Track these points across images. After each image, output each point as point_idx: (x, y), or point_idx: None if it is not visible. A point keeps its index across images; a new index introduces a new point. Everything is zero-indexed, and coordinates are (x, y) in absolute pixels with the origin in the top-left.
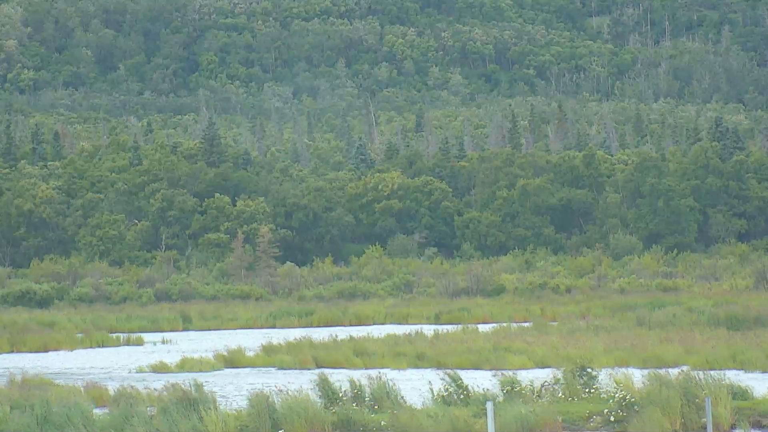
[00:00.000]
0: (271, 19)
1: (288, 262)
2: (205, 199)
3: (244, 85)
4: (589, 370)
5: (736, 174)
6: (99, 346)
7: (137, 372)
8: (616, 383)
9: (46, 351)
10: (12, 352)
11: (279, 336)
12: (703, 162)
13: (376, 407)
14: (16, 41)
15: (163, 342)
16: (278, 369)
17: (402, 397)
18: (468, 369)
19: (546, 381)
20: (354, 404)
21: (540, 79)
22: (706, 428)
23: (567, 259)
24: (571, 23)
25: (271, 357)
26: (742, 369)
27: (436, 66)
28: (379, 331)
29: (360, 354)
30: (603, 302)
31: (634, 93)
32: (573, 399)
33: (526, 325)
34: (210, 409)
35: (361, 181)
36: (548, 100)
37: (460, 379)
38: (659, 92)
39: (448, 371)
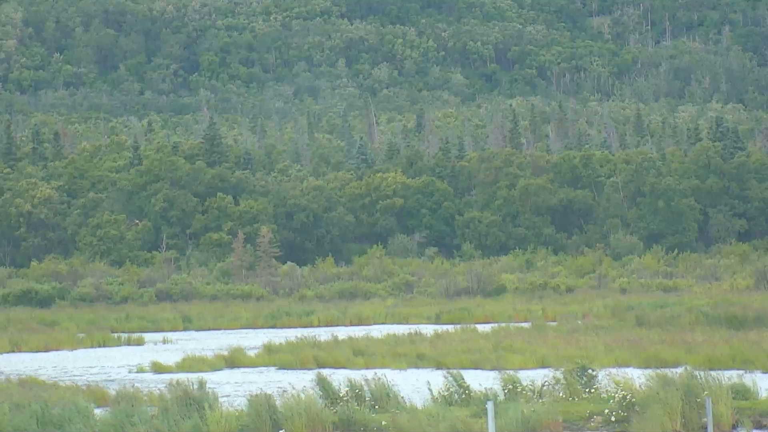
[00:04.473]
0: (271, 19)
1: (289, 262)
2: (207, 199)
3: (245, 85)
4: (589, 370)
5: (736, 174)
6: (100, 346)
7: (138, 372)
8: (617, 383)
9: (47, 351)
10: (13, 351)
11: (279, 336)
12: (703, 162)
13: (376, 407)
14: (16, 41)
15: (163, 342)
16: (279, 369)
17: (402, 398)
18: (468, 369)
19: (547, 381)
20: (355, 404)
21: (540, 79)
22: (706, 428)
23: (567, 259)
24: (571, 23)
25: (271, 357)
26: (743, 369)
27: (436, 66)
28: (379, 331)
29: (360, 354)
30: (604, 302)
31: (634, 93)
32: (574, 399)
33: (526, 325)
34: (210, 408)
35: (361, 181)
36: (548, 100)
37: (462, 379)
38: (659, 92)
39: (450, 371)
